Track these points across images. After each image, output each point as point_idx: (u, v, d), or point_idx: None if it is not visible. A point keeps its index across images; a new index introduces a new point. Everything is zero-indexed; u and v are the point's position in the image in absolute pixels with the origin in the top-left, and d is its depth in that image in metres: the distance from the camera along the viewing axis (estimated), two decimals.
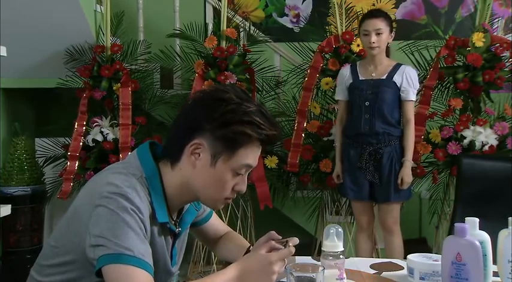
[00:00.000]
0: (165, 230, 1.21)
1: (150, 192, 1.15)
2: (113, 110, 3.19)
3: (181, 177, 1.20)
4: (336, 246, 1.23)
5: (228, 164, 1.17)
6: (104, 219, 1.07)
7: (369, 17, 2.67)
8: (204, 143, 1.16)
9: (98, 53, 3.15)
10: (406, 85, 2.64)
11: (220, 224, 1.53)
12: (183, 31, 3.33)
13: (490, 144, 2.82)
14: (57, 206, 3.36)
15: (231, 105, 1.15)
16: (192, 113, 1.21)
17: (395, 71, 2.66)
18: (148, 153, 1.22)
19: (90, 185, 1.20)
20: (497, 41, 2.96)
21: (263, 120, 1.17)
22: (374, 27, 2.62)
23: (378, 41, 2.62)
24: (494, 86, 2.92)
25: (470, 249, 1.14)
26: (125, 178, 1.13)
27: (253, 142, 1.17)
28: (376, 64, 2.69)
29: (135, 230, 1.07)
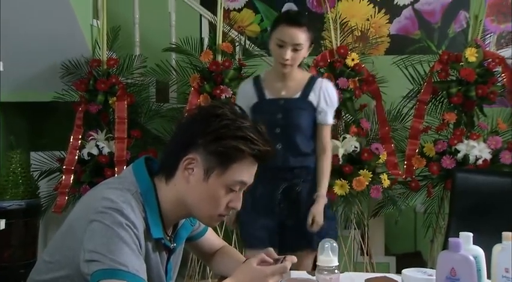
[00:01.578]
0: (159, 245, 1.21)
1: (144, 208, 1.16)
2: (109, 124, 3.20)
3: (176, 192, 1.20)
4: (330, 261, 1.23)
5: (220, 179, 1.17)
6: (99, 234, 1.07)
7: (288, 24, 2.10)
8: (197, 158, 1.17)
9: (94, 67, 3.16)
10: (324, 105, 2.18)
11: (215, 239, 1.53)
12: (179, 45, 3.35)
13: (484, 158, 2.84)
14: (52, 220, 3.35)
15: (224, 120, 1.17)
16: (186, 128, 1.22)
17: (310, 87, 2.19)
18: (144, 168, 1.22)
19: (85, 199, 1.20)
20: (490, 56, 3.00)
21: (257, 136, 1.17)
22: (293, 40, 2.08)
23: (293, 59, 2.11)
24: (487, 100, 2.95)
25: (465, 264, 1.15)
26: (120, 193, 1.13)
27: (246, 158, 1.18)
28: (286, 79, 2.20)
29: (130, 246, 1.07)
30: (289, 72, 2.17)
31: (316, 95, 2.18)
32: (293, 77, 2.20)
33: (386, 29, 3.95)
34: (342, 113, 3.15)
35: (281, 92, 2.20)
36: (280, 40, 2.09)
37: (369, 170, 2.84)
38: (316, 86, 2.19)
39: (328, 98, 2.19)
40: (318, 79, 2.24)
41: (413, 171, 3.00)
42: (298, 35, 2.08)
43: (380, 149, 2.93)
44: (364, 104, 3.15)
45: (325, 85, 2.21)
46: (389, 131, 3.11)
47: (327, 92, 2.19)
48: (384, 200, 3.05)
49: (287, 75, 2.19)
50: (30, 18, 2.94)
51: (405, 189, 3.07)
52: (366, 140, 3.01)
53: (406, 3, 3.92)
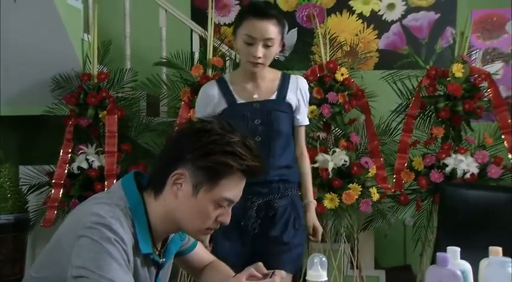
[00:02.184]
0: (148, 260, 1.21)
1: (133, 223, 1.16)
2: (99, 138, 3.19)
3: (165, 207, 1.21)
4: (320, 276, 1.24)
5: (209, 195, 1.18)
6: (87, 249, 1.07)
7: (257, 16, 1.84)
8: (185, 173, 1.17)
9: (85, 81, 3.16)
10: (303, 105, 2.02)
11: (205, 254, 1.53)
12: (169, 59, 3.36)
13: (472, 172, 2.86)
14: (40, 234, 3.32)
15: (213, 135, 1.17)
16: (175, 143, 1.23)
17: (286, 86, 1.98)
18: (133, 183, 1.23)
19: (74, 214, 1.20)
20: (476, 72, 3.04)
21: (245, 152, 1.18)
22: (263, 34, 1.84)
23: (265, 56, 1.88)
24: (474, 115, 2.99)
25: (452, 279, 1.17)
26: (109, 208, 1.13)
27: (234, 173, 1.19)
28: (257, 80, 1.97)
29: (118, 261, 1.07)
30: (260, 71, 1.94)
31: (294, 95, 1.99)
32: (264, 77, 1.97)
33: (375, 44, 4.00)
34: (332, 127, 3.17)
35: (253, 94, 1.96)
36: (248, 36, 1.85)
37: (358, 184, 2.85)
38: (292, 84, 2.00)
39: (306, 96, 2.04)
40: (291, 76, 2.03)
41: (403, 185, 3.02)
42: (269, 29, 1.83)
43: (369, 162, 2.95)
44: (354, 118, 3.18)
45: (301, 82, 2.03)
46: (379, 145, 3.13)
47: (304, 90, 2.03)
48: (373, 213, 3.06)
49: (257, 75, 1.95)
50: (21, 33, 2.95)
51: (394, 203, 3.09)
52: (355, 154, 3.03)
53: (394, 19, 3.98)
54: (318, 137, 3.11)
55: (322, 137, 3.07)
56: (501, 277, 1.14)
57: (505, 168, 2.93)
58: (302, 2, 4.08)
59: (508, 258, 1.15)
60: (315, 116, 3.13)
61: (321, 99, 3.06)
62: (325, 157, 2.91)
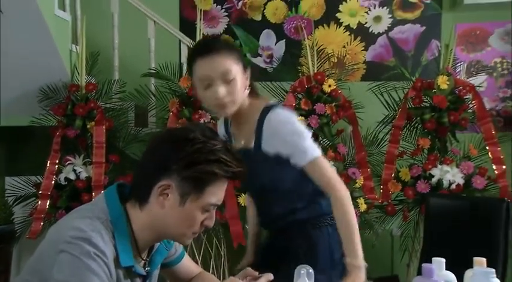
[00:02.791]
0: (131, 272, 1.21)
1: (114, 236, 1.16)
2: (87, 148, 3.18)
3: (150, 217, 1.21)
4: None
5: (196, 203, 1.20)
6: (68, 265, 1.07)
7: (204, 55, 1.60)
8: (172, 184, 1.18)
9: (73, 92, 3.15)
10: (287, 149, 1.60)
11: (192, 265, 1.54)
12: (158, 71, 3.37)
13: (457, 182, 2.90)
14: (26, 246, 3.29)
15: (196, 144, 1.18)
16: (158, 153, 1.23)
17: (260, 130, 1.63)
18: (115, 195, 1.23)
19: (55, 228, 1.20)
20: (461, 84, 3.09)
21: (229, 158, 1.20)
22: (217, 70, 1.59)
23: (230, 93, 1.61)
24: (459, 126, 3.04)
25: None
26: (89, 222, 1.13)
27: (220, 180, 1.21)
28: (240, 122, 1.72)
29: (99, 275, 1.07)
30: (239, 111, 1.66)
31: (268, 142, 1.62)
32: (246, 117, 1.68)
33: (362, 56, 4.04)
34: (319, 138, 3.19)
35: (240, 139, 1.72)
36: (203, 78, 1.60)
37: None
38: (264, 128, 1.62)
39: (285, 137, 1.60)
40: (266, 116, 1.63)
41: (390, 195, 3.04)
42: (221, 62, 1.59)
43: (357, 173, 2.98)
44: (341, 129, 3.20)
45: (273, 124, 1.61)
46: (366, 156, 3.16)
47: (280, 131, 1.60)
48: (360, 224, 3.08)
49: (238, 116, 1.69)
50: (8, 43, 2.94)
51: (382, 213, 3.11)
52: (342, 164, 3.05)
53: (381, 32, 4.02)
54: None
55: None
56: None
57: (489, 179, 2.97)
58: (290, 14, 4.11)
59: (492, 269, 1.17)
60: None
61: (309, 110, 3.08)
62: None
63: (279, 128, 1.61)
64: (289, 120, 1.63)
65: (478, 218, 1.96)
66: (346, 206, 1.57)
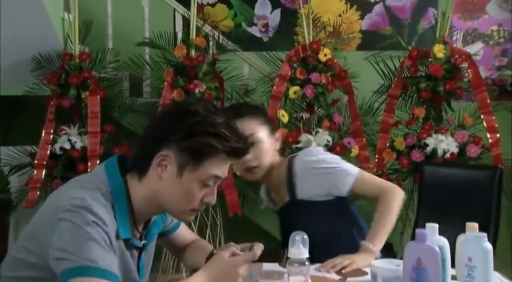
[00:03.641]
0: (129, 244, 1.21)
1: (113, 207, 1.16)
2: (81, 118, 3.17)
3: (149, 189, 1.21)
4: (301, 253, 1.26)
5: (194, 175, 1.18)
6: (67, 233, 1.07)
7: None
8: (170, 155, 1.17)
9: (66, 61, 3.12)
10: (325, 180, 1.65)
11: (188, 233, 1.54)
12: (152, 40, 3.33)
13: (451, 151, 2.92)
14: (23, 215, 3.30)
15: (197, 117, 1.17)
16: (159, 124, 1.23)
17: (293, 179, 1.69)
18: (116, 166, 1.22)
19: (54, 196, 1.20)
20: (457, 53, 3.08)
21: (230, 133, 1.19)
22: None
23: (256, 157, 1.63)
24: (455, 95, 3.04)
25: (430, 254, 1.20)
26: (89, 192, 1.13)
27: (219, 154, 1.19)
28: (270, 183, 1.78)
29: (99, 242, 1.07)
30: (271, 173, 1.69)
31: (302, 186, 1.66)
32: (277, 176, 1.72)
33: (358, 25, 4.01)
34: (315, 108, 3.20)
35: (278, 198, 1.77)
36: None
37: None
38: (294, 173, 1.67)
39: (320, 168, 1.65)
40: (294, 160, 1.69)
41: (384, 164, 3.06)
42: (244, 126, 1.57)
43: (352, 143, 2.99)
44: (337, 98, 3.20)
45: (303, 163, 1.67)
46: (361, 125, 3.16)
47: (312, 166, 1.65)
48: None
49: (270, 178, 1.72)
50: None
51: None
52: (338, 134, 3.06)
53: (377, 0, 3.98)
54: (301, 118, 3.13)
55: (305, 117, 3.10)
56: (477, 251, 1.17)
57: (483, 147, 2.99)
58: None
59: (484, 234, 1.19)
60: (298, 96, 3.14)
61: (304, 79, 3.07)
62: (308, 137, 2.94)
63: (311, 162, 1.66)
64: (316, 153, 1.69)
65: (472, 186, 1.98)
66: (395, 199, 1.64)
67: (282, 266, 1.45)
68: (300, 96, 3.12)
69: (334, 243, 1.67)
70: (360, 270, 1.47)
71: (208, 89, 3.06)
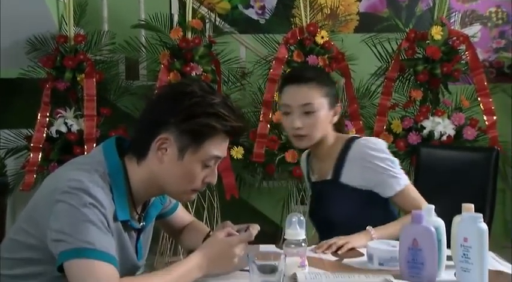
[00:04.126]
0: (127, 226, 1.21)
1: (111, 189, 1.16)
2: (77, 101, 3.15)
3: (149, 172, 1.21)
4: (298, 235, 1.26)
5: (195, 156, 1.18)
6: (65, 214, 1.07)
7: (291, 82, 1.63)
8: (170, 138, 1.17)
9: (61, 43, 3.10)
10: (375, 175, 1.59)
11: (185, 215, 1.55)
12: (148, 22, 3.30)
13: (448, 134, 2.92)
14: (20, 198, 3.29)
15: (195, 98, 1.17)
16: (156, 107, 1.22)
17: (342, 162, 1.63)
18: (114, 148, 1.22)
19: (51, 179, 1.20)
20: (454, 35, 3.07)
21: (228, 112, 1.18)
22: (298, 100, 1.60)
23: (309, 126, 1.59)
24: (452, 78, 3.04)
25: (426, 235, 1.21)
26: (87, 174, 1.12)
27: (218, 134, 1.19)
28: (318, 155, 1.71)
29: (97, 224, 1.07)
30: (322, 145, 1.65)
31: (351, 172, 1.61)
32: (328, 151, 1.66)
33: (356, 7, 3.98)
34: None
35: (319, 172, 1.72)
36: (284, 105, 1.63)
37: None
38: (349, 158, 1.61)
39: (377, 162, 1.58)
40: (353, 143, 1.63)
41: None
42: (303, 93, 1.58)
43: (349, 125, 2.98)
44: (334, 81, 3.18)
45: (363, 150, 1.60)
46: (358, 108, 3.16)
47: (370, 157, 1.58)
48: None
49: (320, 150, 1.67)
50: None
51: None
52: None
53: None
54: None
55: None
56: (472, 231, 1.18)
57: (480, 130, 2.99)
58: None
59: (479, 214, 1.19)
60: None
61: (301, 62, 3.05)
62: None
63: (370, 154, 1.59)
64: (381, 147, 1.62)
65: (468, 167, 1.99)
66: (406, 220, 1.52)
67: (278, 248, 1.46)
68: None
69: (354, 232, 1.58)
70: (356, 251, 1.47)
71: (204, 72, 3.04)
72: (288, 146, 3.06)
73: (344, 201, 1.64)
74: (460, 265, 1.20)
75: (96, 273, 1.03)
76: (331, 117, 1.65)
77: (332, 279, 1.19)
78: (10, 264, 1.15)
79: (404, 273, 1.22)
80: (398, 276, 1.20)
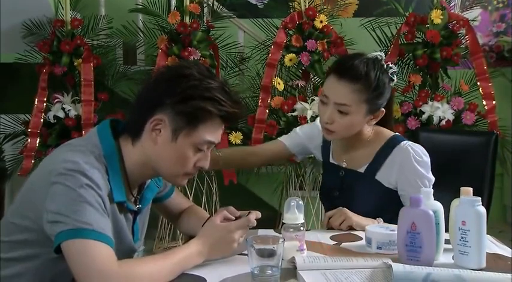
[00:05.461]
0: (123, 207, 1.22)
1: (107, 171, 1.16)
2: (75, 86, 3.14)
3: (143, 153, 1.21)
4: (296, 219, 1.26)
5: (189, 139, 1.18)
6: (61, 196, 1.07)
7: (337, 74, 1.54)
8: (164, 119, 1.17)
9: (58, 27, 3.07)
10: (406, 187, 1.57)
11: (182, 200, 1.55)
12: (145, 6, 3.28)
13: (447, 119, 2.91)
14: (18, 183, 3.30)
15: (192, 81, 1.16)
16: (153, 89, 1.21)
17: (382, 159, 1.61)
18: (108, 130, 1.21)
19: (46, 161, 1.19)
20: (454, 19, 3.04)
21: (225, 97, 1.18)
22: (334, 97, 1.55)
23: (338, 124, 1.56)
24: (451, 62, 3.02)
25: (424, 218, 1.21)
26: (82, 156, 1.12)
27: (213, 119, 1.19)
28: (349, 146, 1.68)
29: (94, 205, 1.07)
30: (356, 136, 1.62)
31: (388, 174, 1.59)
32: (364, 142, 1.64)
33: None
34: (311, 76, 3.17)
35: (343, 158, 1.69)
36: (322, 94, 1.58)
37: None
38: (391, 158, 1.59)
39: (413, 175, 1.55)
40: (397, 146, 1.59)
41: None
42: (342, 92, 1.52)
43: None
44: None
45: (406, 154, 1.56)
46: None
47: (410, 166, 1.55)
48: None
49: (350, 140, 1.64)
50: None
51: None
52: None
53: None
54: (297, 86, 3.11)
55: (301, 85, 3.08)
56: (470, 215, 1.18)
57: (479, 114, 2.99)
58: None
59: (478, 197, 1.19)
60: (294, 64, 3.11)
61: (300, 47, 3.04)
62: (304, 105, 2.93)
63: (412, 167, 1.55)
64: (426, 162, 1.58)
65: (467, 151, 1.99)
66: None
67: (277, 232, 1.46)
68: (295, 63, 3.09)
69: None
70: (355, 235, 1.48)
71: (202, 57, 3.02)
72: (286, 131, 3.05)
73: (372, 197, 1.62)
74: (458, 248, 1.20)
75: (93, 253, 1.04)
76: (367, 121, 1.59)
77: (331, 263, 1.19)
78: (7, 247, 1.16)
79: (403, 256, 1.23)
80: (397, 260, 1.20)
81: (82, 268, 1.04)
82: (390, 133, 1.65)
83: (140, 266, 1.09)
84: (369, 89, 1.52)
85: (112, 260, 1.05)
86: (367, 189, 1.62)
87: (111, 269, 1.03)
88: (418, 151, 1.58)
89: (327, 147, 1.76)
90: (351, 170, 1.66)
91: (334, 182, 1.70)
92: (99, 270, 1.03)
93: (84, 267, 1.03)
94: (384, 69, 1.57)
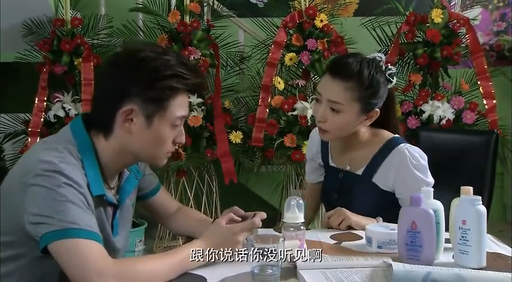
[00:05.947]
0: (103, 201, 1.21)
1: (83, 166, 1.15)
2: (75, 86, 3.13)
3: (119, 144, 1.20)
4: (296, 218, 1.26)
5: (163, 120, 1.19)
6: (42, 197, 1.05)
7: (330, 72, 1.55)
8: (135, 108, 1.16)
9: (58, 27, 3.07)
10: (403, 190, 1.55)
11: (169, 199, 1.53)
12: (145, 5, 3.28)
13: (447, 118, 2.92)
14: None
15: (150, 62, 1.15)
16: (113, 78, 1.20)
17: (379, 161, 1.59)
18: (81, 126, 1.20)
19: (21, 161, 1.18)
20: (455, 18, 3.05)
21: (186, 70, 1.18)
22: (326, 93, 1.54)
23: (330, 123, 1.54)
24: (452, 61, 3.03)
25: (425, 217, 1.21)
26: (57, 154, 1.11)
27: (180, 93, 1.20)
28: (349, 147, 1.66)
29: (76, 203, 1.07)
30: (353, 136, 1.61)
31: (385, 177, 1.58)
32: (361, 143, 1.62)
33: None
34: (311, 75, 3.17)
35: (345, 161, 1.67)
36: (317, 91, 1.57)
37: None
38: (388, 161, 1.57)
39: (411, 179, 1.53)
40: (394, 149, 1.57)
41: None
42: (334, 89, 1.51)
43: None
44: None
45: (403, 157, 1.54)
46: None
47: (407, 169, 1.53)
48: None
49: (347, 141, 1.63)
50: None
51: None
52: None
53: None
54: (297, 85, 3.10)
55: (301, 84, 3.08)
56: (471, 214, 1.18)
57: (479, 113, 2.99)
58: None
59: (478, 197, 1.19)
60: (294, 63, 3.11)
61: (300, 46, 3.03)
62: (304, 105, 2.93)
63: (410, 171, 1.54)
64: (424, 165, 1.56)
65: (467, 151, 1.99)
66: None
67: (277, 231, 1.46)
68: (295, 63, 3.09)
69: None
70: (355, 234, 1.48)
71: (203, 56, 3.02)
72: (286, 131, 3.06)
73: (370, 199, 1.61)
74: (458, 247, 1.20)
75: (85, 252, 1.03)
76: (361, 121, 1.57)
77: (331, 262, 1.19)
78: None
79: (403, 255, 1.22)
80: (397, 259, 1.20)
81: (76, 269, 1.03)
82: (389, 135, 1.63)
83: (137, 263, 1.09)
84: (362, 87, 1.51)
85: (105, 257, 1.05)
86: (365, 191, 1.61)
87: (106, 267, 1.03)
88: (415, 154, 1.56)
89: (326, 150, 1.75)
90: (350, 172, 1.65)
91: (334, 185, 1.70)
92: (94, 269, 1.02)
93: (78, 268, 1.03)
94: (379, 69, 1.56)
